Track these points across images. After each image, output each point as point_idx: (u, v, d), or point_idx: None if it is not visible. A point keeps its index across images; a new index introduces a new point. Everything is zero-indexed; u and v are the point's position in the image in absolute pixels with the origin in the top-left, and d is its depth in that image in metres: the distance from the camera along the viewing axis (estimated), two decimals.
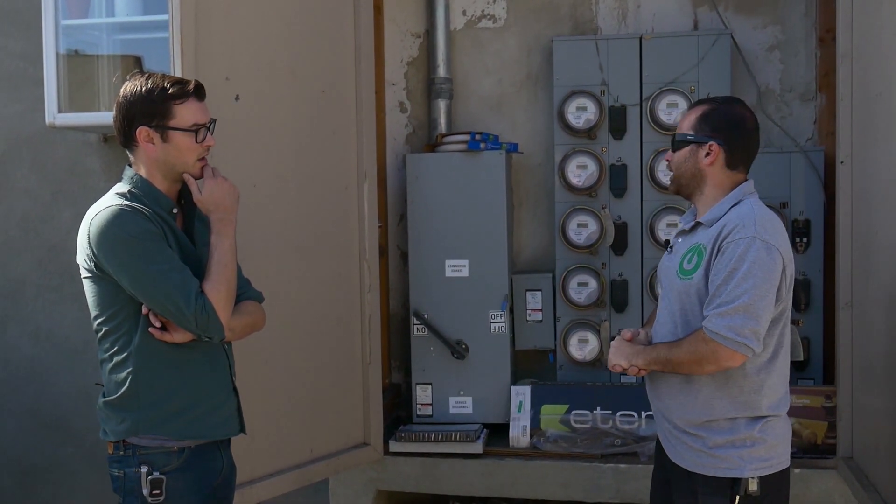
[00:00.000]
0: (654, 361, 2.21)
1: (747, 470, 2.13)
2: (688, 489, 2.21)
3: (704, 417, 2.18)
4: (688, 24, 3.73)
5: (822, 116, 3.62)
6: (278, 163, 2.95)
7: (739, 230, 2.12)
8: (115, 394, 2.13)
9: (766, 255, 2.09)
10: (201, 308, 2.07)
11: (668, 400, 2.26)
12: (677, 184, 2.31)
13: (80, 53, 3.64)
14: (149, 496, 2.10)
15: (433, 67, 3.86)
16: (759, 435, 2.15)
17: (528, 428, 3.48)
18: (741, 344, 2.07)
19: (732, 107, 2.28)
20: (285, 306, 2.92)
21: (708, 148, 2.23)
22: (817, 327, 3.51)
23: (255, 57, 2.86)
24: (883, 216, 2.68)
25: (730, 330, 2.06)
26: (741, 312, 2.06)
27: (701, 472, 2.18)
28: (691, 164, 2.25)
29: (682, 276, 2.22)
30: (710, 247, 2.16)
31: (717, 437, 2.16)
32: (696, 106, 2.31)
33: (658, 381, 2.28)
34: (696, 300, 2.18)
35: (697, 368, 2.15)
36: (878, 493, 2.72)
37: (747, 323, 2.06)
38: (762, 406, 2.16)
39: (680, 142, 2.27)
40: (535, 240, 3.89)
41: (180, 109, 2.13)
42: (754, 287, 2.06)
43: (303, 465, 3.06)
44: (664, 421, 2.29)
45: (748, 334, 2.07)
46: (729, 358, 2.09)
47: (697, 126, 2.24)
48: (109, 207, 2.09)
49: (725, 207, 2.21)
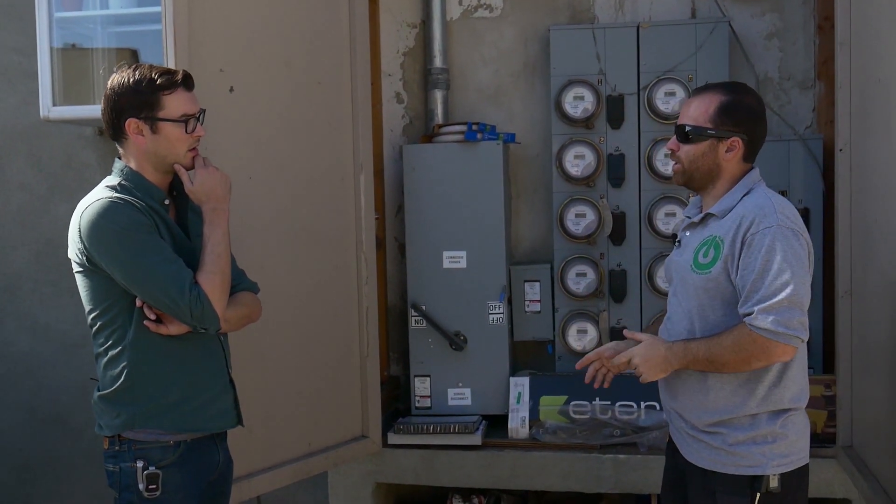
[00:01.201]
0: (693, 362, 2.11)
1: (769, 467, 2.08)
2: (704, 489, 2.15)
3: (725, 416, 2.12)
4: (686, 12, 3.71)
5: (822, 104, 3.60)
6: (273, 154, 2.93)
7: (762, 220, 2.05)
8: (111, 388, 2.12)
9: (795, 242, 2.04)
10: (196, 299, 2.06)
11: (684, 399, 2.19)
12: (688, 177, 2.21)
13: (77, 47, 3.62)
14: (145, 491, 2.09)
15: (430, 58, 3.84)
16: (781, 430, 2.10)
17: (527, 419, 3.47)
18: (793, 337, 2.01)
19: (749, 97, 2.20)
20: (282, 299, 2.91)
21: (730, 143, 2.16)
22: (817, 316, 3.49)
23: (250, 48, 2.83)
24: (881, 204, 2.66)
25: (779, 324, 1.99)
26: (786, 305, 2.00)
27: (720, 471, 2.12)
28: (710, 158, 2.17)
29: (699, 271, 2.15)
30: (729, 239, 2.10)
31: (738, 433, 2.10)
32: (706, 94, 2.19)
33: (674, 381, 2.21)
34: (717, 294, 2.12)
35: (745, 366, 2.06)
36: (878, 481, 2.71)
37: (794, 314, 2.00)
38: (785, 399, 2.11)
39: (698, 135, 2.16)
40: (534, 230, 3.87)
41: (169, 100, 2.11)
42: (793, 277, 2.00)
43: (301, 458, 3.05)
44: (679, 420, 2.23)
45: (797, 326, 2.01)
46: (783, 353, 2.03)
47: (718, 119, 2.15)
48: (99, 200, 2.07)
49: (738, 197, 2.16)
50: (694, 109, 2.19)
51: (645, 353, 2.17)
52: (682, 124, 2.20)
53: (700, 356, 2.10)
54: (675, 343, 2.16)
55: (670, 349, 2.15)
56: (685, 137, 2.19)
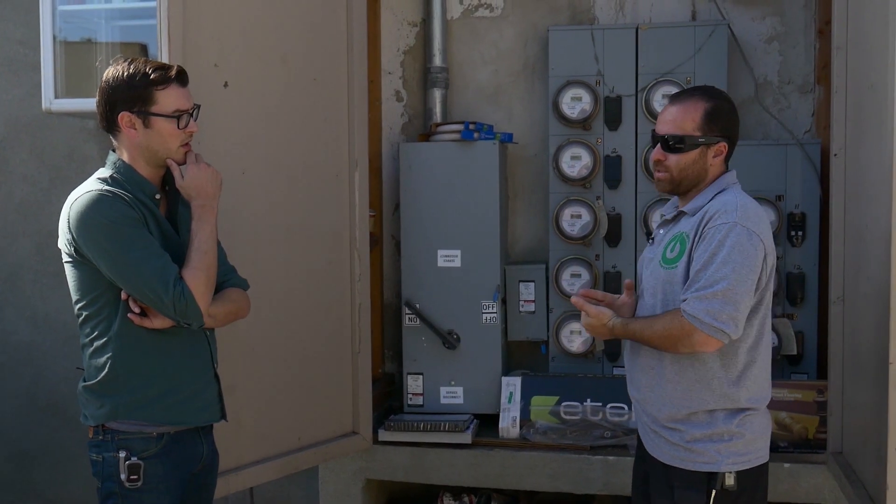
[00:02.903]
0: (629, 332, 2.21)
1: (724, 464, 2.12)
2: (664, 482, 2.20)
3: (683, 411, 2.17)
4: (686, 14, 3.70)
5: (821, 109, 3.58)
6: (268, 150, 2.95)
7: (721, 216, 2.10)
8: (95, 378, 2.14)
9: (746, 240, 2.07)
10: (179, 294, 2.07)
11: (646, 392, 2.25)
12: (675, 185, 2.23)
13: (84, 41, 3.65)
14: (126, 481, 2.11)
15: (429, 56, 3.85)
16: (738, 429, 2.14)
17: (518, 419, 3.47)
18: (718, 329, 2.05)
19: (727, 101, 2.24)
20: (275, 294, 2.93)
21: (718, 149, 2.20)
22: (812, 321, 3.48)
23: (245, 43, 2.85)
24: (873, 209, 2.64)
25: (707, 314, 2.05)
26: (720, 297, 2.04)
27: (678, 466, 2.17)
28: (700, 165, 2.20)
29: (666, 266, 2.20)
30: (692, 234, 2.14)
31: (695, 430, 2.15)
32: (688, 102, 2.20)
33: (636, 373, 2.28)
34: (680, 289, 2.15)
35: (671, 347, 2.14)
36: (865, 488, 2.70)
37: (725, 308, 2.04)
38: (742, 398, 2.15)
39: (688, 144, 2.18)
40: (531, 231, 3.88)
41: (162, 95, 2.13)
42: (733, 272, 2.05)
43: (290, 453, 3.06)
44: (643, 413, 2.28)
45: (726, 319, 2.05)
46: (704, 343, 2.08)
47: (706, 127, 2.18)
48: (89, 192, 2.09)
49: (709, 196, 2.19)
50: (679, 118, 2.20)
51: (593, 322, 2.27)
52: (670, 134, 2.20)
53: (636, 332, 2.20)
54: (622, 319, 2.25)
55: (615, 323, 2.24)
56: (672, 147, 2.20)
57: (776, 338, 3.38)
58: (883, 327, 2.39)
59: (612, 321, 2.23)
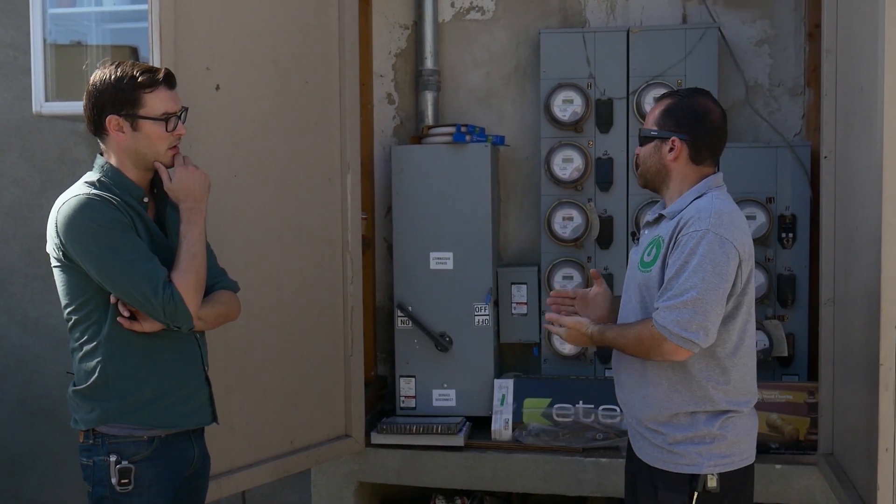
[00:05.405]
0: (605, 339, 2.23)
1: (705, 466, 2.13)
2: (650, 484, 2.21)
3: (665, 413, 2.18)
4: (677, 17, 3.71)
5: (811, 111, 3.59)
6: (259, 153, 2.94)
7: (694, 223, 2.11)
8: (85, 383, 2.14)
9: (718, 248, 2.08)
10: (169, 297, 2.07)
11: (630, 394, 2.27)
12: (644, 178, 2.32)
13: (75, 44, 3.64)
14: (117, 485, 2.11)
15: (421, 59, 3.85)
16: (720, 431, 2.15)
17: (511, 421, 3.47)
18: (687, 340, 2.07)
19: (696, 100, 2.25)
20: (267, 297, 2.93)
21: (671, 143, 2.23)
22: (803, 323, 3.49)
23: (237, 46, 2.85)
24: (863, 211, 2.66)
25: (677, 325, 2.06)
26: (689, 307, 2.06)
27: (662, 468, 2.18)
28: (655, 159, 2.26)
29: (642, 269, 2.23)
30: (668, 239, 2.17)
31: (677, 433, 2.16)
32: (660, 100, 2.30)
33: (622, 375, 2.29)
34: (656, 292, 2.17)
35: (643, 355, 2.17)
36: (856, 489, 2.71)
37: (695, 318, 2.06)
38: (723, 401, 2.16)
39: (645, 137, 2.27)
40: (522, 233, 3.88)
41: (150, 98, 2.13)
42: (703, 281, 2.06)
43: (283, 456, 3.05)
44: (629, 415, 2.30)
45: (695, 329, 2.06)
46: (673, 352, 2.10)
47: (661, 121, 2.24)
48: (77, 196, 2.09)
49: (688, 200, 2.22)
50: (649, 115, 2.31)
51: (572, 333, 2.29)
52: (639, 129, 2.33)
53: (612, 340, 2.23)
54: (599, 326, 2.28)
55: (593, 331, 2.26)
56: (641, 141, 2.30)
57: (767, 339, 3.40)
58: (873, 329, 2.40)
59: (590, 328, 2.26)
